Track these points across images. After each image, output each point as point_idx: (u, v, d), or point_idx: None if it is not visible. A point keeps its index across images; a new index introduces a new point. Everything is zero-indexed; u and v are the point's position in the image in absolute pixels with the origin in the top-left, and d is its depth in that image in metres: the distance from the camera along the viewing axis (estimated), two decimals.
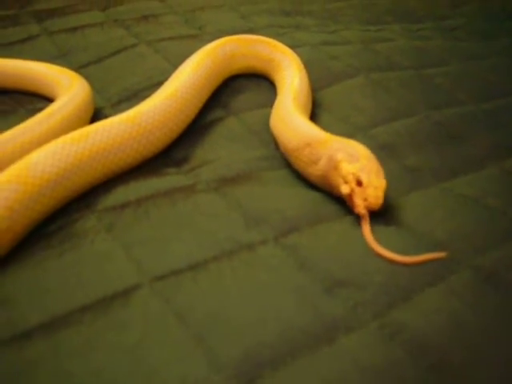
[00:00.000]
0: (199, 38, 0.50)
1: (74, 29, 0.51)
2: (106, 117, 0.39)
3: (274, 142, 0.36)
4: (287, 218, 0.28)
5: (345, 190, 0.28)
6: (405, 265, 0.26)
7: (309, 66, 0.46)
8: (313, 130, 0.32)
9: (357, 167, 0.29)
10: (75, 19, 0.53)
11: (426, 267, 0.25)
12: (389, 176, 0.33)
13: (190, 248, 0.26)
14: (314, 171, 0.31)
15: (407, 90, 0.44)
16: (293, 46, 0.49)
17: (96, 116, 0.39)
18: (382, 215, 0.29)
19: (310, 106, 0.39)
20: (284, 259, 0.25)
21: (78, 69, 0.45)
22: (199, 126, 0.37)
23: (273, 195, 0.30)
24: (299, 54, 0.48)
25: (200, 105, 0.38)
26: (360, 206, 0.28)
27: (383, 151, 0.36)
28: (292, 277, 0.24)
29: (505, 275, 0.25)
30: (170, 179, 0.31)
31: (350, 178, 0.28)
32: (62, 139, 0.29)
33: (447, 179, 0.34)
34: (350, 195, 0.28)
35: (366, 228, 0.27)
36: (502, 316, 0.23)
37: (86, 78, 0.43)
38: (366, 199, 0.28)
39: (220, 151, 0.35)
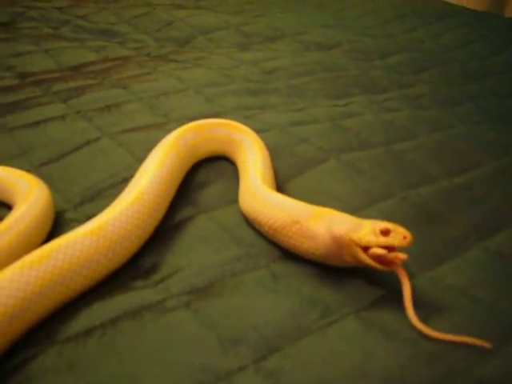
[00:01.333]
0: (164, 127, 0.48)
1: (36, 123, 0.49)
2: (68, 221, 0.36)
3: (248, 231, 0.34)
4: (266, 337, 0.26)
5: (379, 251, 0.27)
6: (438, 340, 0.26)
7: (277, 152, 0.45)
8: (298, 206, 0.31)
9: (368, 226, 0.28)
10: (36, 113, 0.51)
11: None
12: (371, 269, 0.32)
13: None
14: (313, 250, 0.30)
15: (380, 170, 0.43)
16: (260, 130, 0.48)
17: (57, 220, 0.36)
18: (368, 315, 0.27)
19: (274, 183, 0.38)
20: None
21: (39, 167, 0.43)
22: (168, 226, 0.36)
23: (249, 307, 0.28)
24: (267, 139, 0.47)
25: (168, 204, 0.36)
26: (397, 258, 0.28)
27: None
28: None
29: None
30: (138, 295, 0.29)
31: (373, 237, 0.28)
32: (20, 263, 0.27)
33: (432, 268, 0.33)
34: (383, 254, 0.28)
35: (407, 287, 0.27)
36: None
37: (47, 177, 0.41)
38: (405, 237, 0.28)
39: (191, 255, 0.33)
